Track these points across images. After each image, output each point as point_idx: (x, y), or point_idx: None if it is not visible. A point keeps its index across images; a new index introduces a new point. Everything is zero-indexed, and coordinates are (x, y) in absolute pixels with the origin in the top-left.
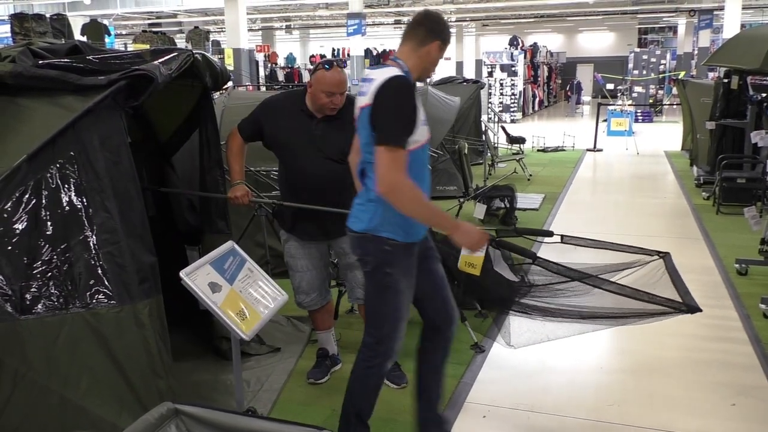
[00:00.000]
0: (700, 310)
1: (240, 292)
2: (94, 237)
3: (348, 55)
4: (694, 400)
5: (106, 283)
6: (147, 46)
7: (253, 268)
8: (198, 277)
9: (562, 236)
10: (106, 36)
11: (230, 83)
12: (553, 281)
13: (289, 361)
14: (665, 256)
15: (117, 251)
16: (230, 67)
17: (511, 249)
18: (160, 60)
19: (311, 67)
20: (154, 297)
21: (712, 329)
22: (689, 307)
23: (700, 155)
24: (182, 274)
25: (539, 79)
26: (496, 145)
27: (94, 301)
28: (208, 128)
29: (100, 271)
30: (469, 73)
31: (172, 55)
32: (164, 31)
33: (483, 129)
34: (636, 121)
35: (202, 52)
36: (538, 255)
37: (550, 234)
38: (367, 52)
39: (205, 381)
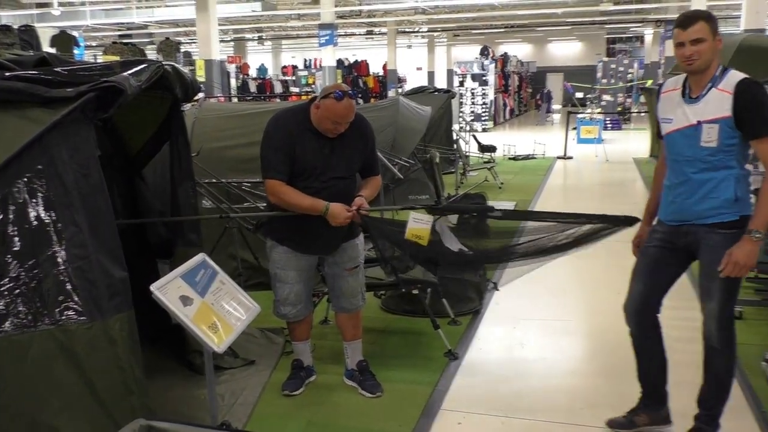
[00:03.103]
0: (638, 219)
1: (212, 305)
2: (63, 252)
3: (320, 65)
4: (672, 403)
5: (76, 299)
6: (117, 58)
7: (225, 281)
8: (169, 290)
9: (505, 211)
10: (76, 48)
11: (201, 94)
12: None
13: (264, 373)
14: (636, 219)
15: (87, 266)
16: (201, 79)
17: (458, 210)
18: (129, 71)
19: (283, 78)
20: (126, 312)
21: (684, 330)
22: (627, 219)
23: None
24: (153, 287)
25: (510, 88)
26: (467, 153)
27: (63, 317)
28: (179, 140)
29: (69, 287)
30: (441, 82)
31: (141, 66)
32: (135, 42)
33: (454, 138)
34: (605, 128)
35: (173, 63)
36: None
37: (492, 209)
38: (340, 62)
39: (178, 396)
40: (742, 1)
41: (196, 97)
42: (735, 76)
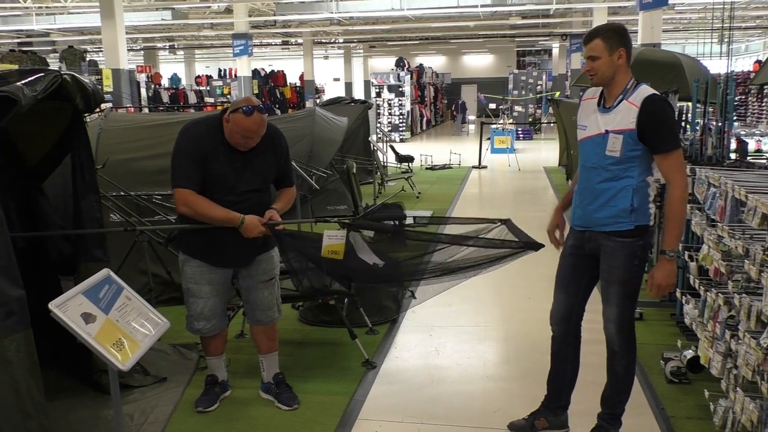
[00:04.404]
0: (542, 246)
1: (117, 322)
2: None
3: (235, 75)
4: (577, 403)
5: None
6: (15, 67)
7: (131, 296)
8: (69, 308)
9: (415, 218)
10: None
11: (109, 105)
12: (412, 256)
13: (176, 390)
14: (506, 221)
15: None
16: (109, 89)
17: (371, 228)
18: (24, 81)
19: (197, 88)
20: (22, 332)
21: (591, 333)
22: (531, 244)
23: (575, 170)
24: (51, 305)
25: (426, 99)
26: (385, 164)
27: None
28: (81, 152)
29: None
30: (359, 93)
31: (37, 75)
32: (36, 50)
33: (372, 148)
34: (517, 138)
35: (72, 72)
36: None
37: (404, 217)
38: (256, 72)
39: (83, 418)
40: (638, 17)
41: (102, 107)
42: (645, 90)
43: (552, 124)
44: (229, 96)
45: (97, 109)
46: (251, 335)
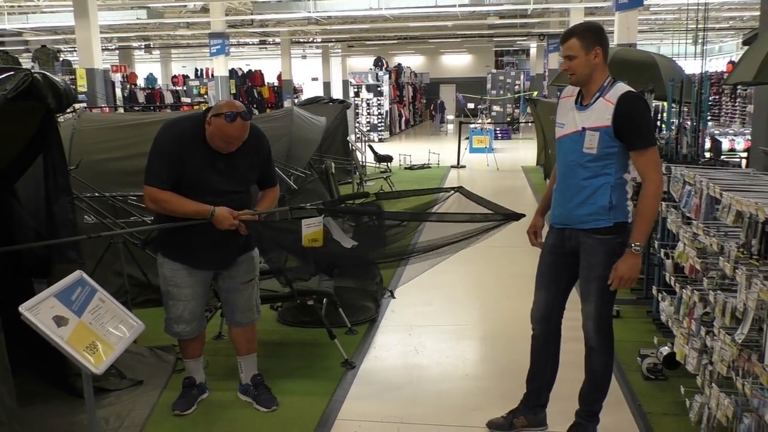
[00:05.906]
0: (523, 215)
1: (90, 324)
2: None
3: (212, 75)
4: (555, 400)
5: None
6: None
7: (105, 298)
8: (41, 310)
9: (377, 194)
10: None
11: (83, 105)
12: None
13: (153, 393)
14: (459, 188)
15: None
16: (83, 88)
17: (348, 212)
18: None
19: (173, 87)
20: None
21: (570, 330)
22: (513, 215)
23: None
24: (22, 308)
25: (405, 98)
26: (363, 163)
27: None
28: (54, 153)
29: None
30: (337, 93)
31: (7, 74)
32: (8, 50)
33: (350, 148)
34: (495, 138)
35: (43, 71)
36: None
37: (367, 195)
38: (233, 72)
39: (58, 424)
40: (614, 17)
41: (76, 107)
42: (621, 88)
43: (530, 124)
44: (206, 96)
45: (70, 109)
46: (230, 337)
